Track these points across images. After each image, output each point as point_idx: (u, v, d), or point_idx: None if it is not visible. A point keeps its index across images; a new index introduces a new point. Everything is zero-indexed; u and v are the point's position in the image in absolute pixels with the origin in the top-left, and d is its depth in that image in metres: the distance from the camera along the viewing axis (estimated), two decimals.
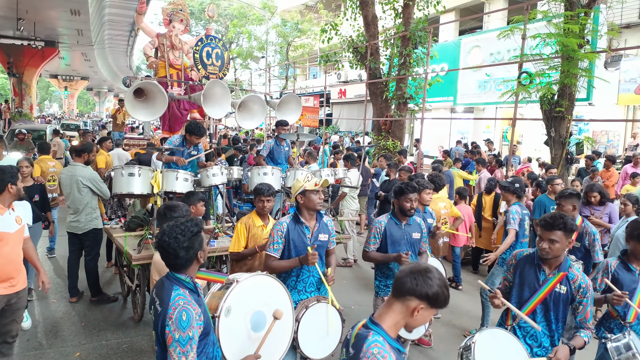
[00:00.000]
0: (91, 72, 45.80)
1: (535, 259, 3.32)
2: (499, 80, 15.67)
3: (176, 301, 2.41)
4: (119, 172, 5.55)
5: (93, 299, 6.36)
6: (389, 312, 2.05)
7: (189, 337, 2.36)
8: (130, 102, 6.90)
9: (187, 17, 10.41)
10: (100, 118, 51.69)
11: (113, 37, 28.46)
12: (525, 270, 3.34)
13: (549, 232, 3.13)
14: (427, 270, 2.03)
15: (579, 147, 12.26)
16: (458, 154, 14.56)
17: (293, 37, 32.21)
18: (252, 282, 3.20)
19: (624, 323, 3.60)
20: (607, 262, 3.76)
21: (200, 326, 2.42)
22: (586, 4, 8.61)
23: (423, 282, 1.99)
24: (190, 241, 2.49)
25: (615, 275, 3.68)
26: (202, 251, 2.59)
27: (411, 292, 1.99)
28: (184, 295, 2.45)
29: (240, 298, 3.04)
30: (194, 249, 2.51)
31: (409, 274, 2.02)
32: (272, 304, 3.15)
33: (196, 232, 2.52)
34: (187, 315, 2.37)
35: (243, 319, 3.03)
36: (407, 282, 2.00)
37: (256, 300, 3.13)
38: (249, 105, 7.87)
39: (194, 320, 2.39)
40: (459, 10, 22.34)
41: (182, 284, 2.51)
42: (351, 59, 15.29)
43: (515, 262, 3.43)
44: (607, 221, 6.64)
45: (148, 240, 5.22)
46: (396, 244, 4.35)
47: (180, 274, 2.53)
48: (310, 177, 3.89)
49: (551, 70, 8.87)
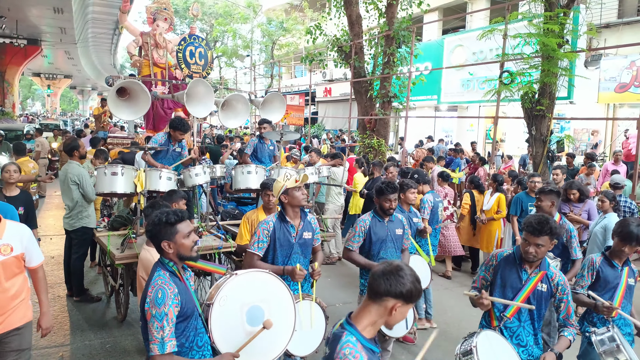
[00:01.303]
0: (74, 71, 45.33)
1: (516, 259, 3.36)
2: (482, 79, 15.84)
3: (156, 280, 2.66)
4: (102, 171, 5.53)
5: (76, 298, 6.35)
6: (365, 313, 2.10)
7: (164, 312, 2.55)
8: (113, 101, 6.85)
9: (171, 16, 10.36)
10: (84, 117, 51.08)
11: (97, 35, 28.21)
12: (506, 271, 3.37)
13: (536, 237, 3.17)
14: (398, 269, 2.07)
15: (560, 145, 12.45)
16: (442, 152, 14.70)
17: (278, 35, 32.18)
18: (253, 277, 3.22)
19: (607, 317, 3.64)
20: (592, 259, 3.82)
21: (176, 305, 2.60)
22: (565, 5, 8.76)
23: (396, 282, 2.03)
24: (154, 227, 2.74)
25: (600, 272, 3.75)
26: (172, 242, 2.72)
27: (386, 293, 2.04)
28: (163, 276, 2.68)
29: (237, 290, 3.07)
30: (159, 237, 2.73)
31: (381, 275, 2.06)
32: (272, 303, 3.17)
33: (164, 221, 2.71)
34: (162, 293, 2.58)
35: (239, 311, 3.03)
36: (382, 283, 2.05)
37: (255, 295, 3.13)
38: (232, 104, 7.86)
39: (168, 298, 2.58)
40: (442, 9, 22.50)
41: (165, 267, 2.75)
42: (336, 57, 15.36)
43: (495, 263, 3.45)
44: (586, 218, 6.77)
45: (131, 240, 5.20)
46: (380, 241, 4.41)
47: (164, 258, 2.78)
48: (289, 175, 3.90)
49: (532, 69, 9.02)
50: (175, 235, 2.73)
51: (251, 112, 20.06)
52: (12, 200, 5.29)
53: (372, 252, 4.40)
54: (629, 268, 3.79)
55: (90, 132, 17.35)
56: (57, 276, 7.19)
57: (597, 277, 3.76)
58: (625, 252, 3.72)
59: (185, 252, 2.75)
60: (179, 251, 2.74)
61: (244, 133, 23.56)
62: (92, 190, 6.19)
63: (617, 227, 3.75)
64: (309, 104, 21.33)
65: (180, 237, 2.73)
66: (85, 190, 6.20)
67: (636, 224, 3.65)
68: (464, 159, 13.95)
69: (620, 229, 3.69)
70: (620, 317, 3.67)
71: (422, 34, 22.91)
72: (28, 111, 62.16)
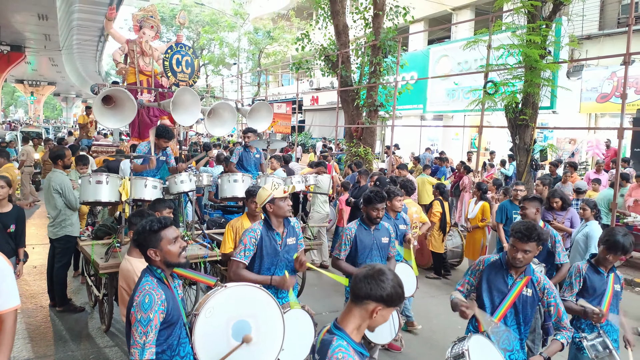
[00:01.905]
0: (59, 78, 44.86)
1: (502, 265, 3.39)
2: (467, 89, 16.00)
3: (143, 286, 2.67)
4: (87, 180, 5.49)
5: (59, 309, 6.26)
6: (350, 317, 2.11)
7: (149, 318, 2.57)
8: (99, 110, 6.83)
9: (157, 24, 10.36)
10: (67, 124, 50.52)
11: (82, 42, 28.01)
12: (492, 276, 3.40)
13: (524, 243, 3.20)
14: (380, 273, 2.09)
15: (543, 154, 12.62)
16: (428, 161, 14.82)
17: (265, 44, 32.24)
18: (243, 290, 3.18)
19: (595, 323, 3.67)
20: (578, 266, 3.86)
21: (162, 312, 2.63)
22: (547, 17, 8.91)
23: (377, 286, 2.05)
24: (139, 236, 2.76)
25: (587, 279, 3.79)
26: (158, 250, 2.74)
27: (367, 297, 2.06)
28: (151, 282, 2.70)
29: (226, 303, 3.04)
30: (145, 245, 2.75)
31: (363, 279, 2.08)
32: (261, 319, 3.14)
33: (148, 229, 2.73)
34: (150, 298, 2.60)
35: (225, 324, 3.00)
36: (363, 287, 2.07)
37: (244, 310, 3.11)
38: (219, 112, 7.87)
39: (155, 304, 2.59)
40: (427, 20, 22.75)
41: (153, 274, 2.76)
42: (323, 66, 15.45)
43: (482, 268, 3.47)
44: (569, 226, 6.85)
45: (116, 249, 5.15)
46: (366, 249, 4.43)
47: (152, 265, 2.79)
48: (277, 185, 3.89)
49: (515, 79, 9.14)
50: (161, 242, 2.74)
51: (238, 120, 20.04)
52: (4, 216, 5.06)
53: (359, 260, 4.41)
54: (614, 274, 3.84)
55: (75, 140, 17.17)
56: (39, 286, 7.09)
57: (584, 285, 3.80)
58: (610, 261, 3.77)
59: (171, 258, 2.76)
60: (165, 258, 2.75)
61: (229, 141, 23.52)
62: (74, 199, 6.13)
63: (603, 235, 3.80)
64: (296, 112, 21.38)
65: (165, 244, 2.74)
66: (67, 199, 6.13)
67: (622, 234, 3.70)
68: (449, 168, 14.08)
69: (607, 238, 3.73)
70: (607, 322, 3.71)
71: (408, 44, 23.13)
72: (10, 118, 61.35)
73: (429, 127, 21.40)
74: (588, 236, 5.95)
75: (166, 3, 37.08)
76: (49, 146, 12.85)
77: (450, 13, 21.37)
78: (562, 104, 14.77)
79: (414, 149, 19.53)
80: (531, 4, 8.64)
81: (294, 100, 22.68)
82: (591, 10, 15.22)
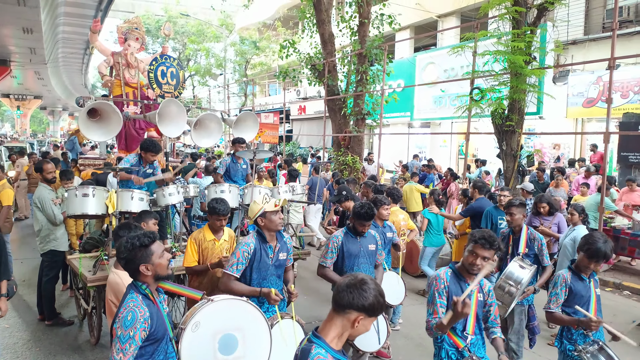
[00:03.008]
0: (45, 91, 44.54)
1: (458, 275, 3.34)
2: (454, 96, 16.12)
3: (128, 303, 2.65)
4: (73, 193, 5.45)
5: (48, 322, 6.19)
6: (331, 326, 2.11)
7: (129, 335, 2.55)
8: (84, 123, 6.79)
9: (142, 36, 10.34)
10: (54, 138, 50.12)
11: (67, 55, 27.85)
12: (454, 288, 3.31)
13: (486, 250, 3.20)
14: (362, 282, 2.09)
15: (530, 160, 12.72)
16: (416, 168, 14.86)
17: (251, 54, 32.28)
18: (230, 304, 3.16)
19: (587, 332, 3.65)
20: (563, 276, 3.80)
21: (144, 329, 2.59)
22: (532, 23, 9.02)
23: (359, 295, 2.06)
24: (130, 252, 2.72)
25: (572, 287, 3.75)
26: (150, 264, 2.73)
27: (349, 306, 2.06)
28: (135, 299, 2.67)
29: (212, 317, 3.03)
30: (136, 261, 2.71)
31: (345, 288, 2.08)
32: (248, 332, 3.12)
33: (138, 245, 2.71)
34: (132, 315, 2.58)
35: (211, 338, 2.99)
36: (345, 296, 2.07)
37: (230, 323, 3.09)
38: (205, 123, 7.86)
39: (137, 321, 2.57)
40: (413, 28, 22.91)
41: (138, 290, 2.73)
42: (309, 76, 15.50)
43: (447, 284, 3.32)
44: (556, 231, 6.89)
45: (104, 262, 5.12)
46: (353, 257, 4.42)
47: (138, 281, 2.76)
48: (268, 198, 3.88)
49: (501, 85, 9.22)
50: (152, 257, 2.74)
51: (225, 130, 20.02)
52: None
53: (345, 268, 4.40)
54: (593, 280, 3.84)
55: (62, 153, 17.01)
56: (28, 300, 7.00)
57: (569, 293, 3.76)
58: (591, 268, 3.75)
59: (162, 271, 2.77)
60: (156, 272, 2.75)
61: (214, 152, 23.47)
62: (52, 213, 6.05)
63: (583, 243, 3.74)
64: (284, 122, 21.39)
65: (156, 258, 2.75)
66: (46, 213, 6.05)
67: (602, 241, 3.65)
68: (437, 175, 14.14)
69: (587, 247, 3.68)
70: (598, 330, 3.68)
71: (394, 52, 23.28)
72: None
73: (417, 135, 21.50)
74: (576, 240, 5.98)
75: (151, 15, 37.04)
76: (32, 160, 12.70)
77: (435, 20, 21.55)
78: (549, 109, 14.91)
79: (402, 157, 19.60)
80: (515, 10, 8.74)
81: (281, 110, 22.71)
82: (576, 16, 15.40)
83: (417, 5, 20.93)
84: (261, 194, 3.92)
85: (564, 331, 3.84)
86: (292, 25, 32.19)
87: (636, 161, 12.71)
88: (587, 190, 10.03)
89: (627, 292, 8.15)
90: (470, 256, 3.27)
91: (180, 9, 36.68)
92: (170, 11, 36.54)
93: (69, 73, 35.74)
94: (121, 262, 2.76)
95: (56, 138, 49.83)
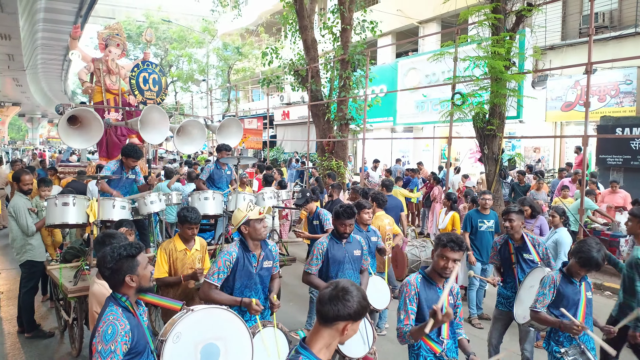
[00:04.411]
0: (23, 98, 43.86)
1: (429, 280, 3.32)
2: (436, 101, 16.24)
3: (107, 316, 2.59)
4: (53, 202, 5.35)
5: (28, 335, 6.07)
6: (318, 337, 2.11)
7: (110, 350, 2.49)
8: (64, 130, 6.69)
9: (123, 42, 10.25)
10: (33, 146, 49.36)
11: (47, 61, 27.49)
12: (427, 294, 3.29)
13: (455, 252, 3.22)
14: (344, 292, 2.09)
15: (511, 163, 12.87)
16: (399, 173, 14.93)
17: (234, 60, 32.19)
18: (210, 313, 3.12)
19: (573, 335, 3.65)
20: (552, 277, 3.82)
21: (125, 342, 2.54)
22: (511, 28, 9.14)
23: (343, 306, 2.06)
24: (116, 263, 2.66)
25: (560, 289, 3.76)
26: (135, 276, 2.69)
27: (336, 318, 2.07)
28: (115, 312, 2.62)
29: (193, 327, 2.98)
30: (122, 271, 2.66)
31: (328, 301, 2.08)
32: (230, 341, 3.09)
33: (125, 255, 2.67)
34: (113, 329, 2.53)
35: (193, 349, 2.95)
36: (330, 310, 2.07)
37: (211, 333, 3.05)
38: (188, 129, 7.81)
39: (118, 335, 2.52)
40: (395, 33, 23.07)
41: (117, 302, 2.68)
42: (293, 81, 15.51)
43: (417, 290, 3.29)
44: (538, 233, 6.97)
45: (85, 272, 5.03)
46: (338, 263, 4.41)
47: (117, 293, 2.71)
48: (252, 206, 3.83)
49: (482, 90, 9.32)
50: (138, 268, 2.71)
51: (208, 136, 19.92)
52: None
53: (330, 274, 4.38)
54: (585, 282, 3.84)
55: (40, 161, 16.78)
56: (7, 312, 6.88)
57: (557, 295, 3.77)
58: (582, 274, 3.78)
59: (145, 283, 2.74)
60: (140, 283, 2.72)
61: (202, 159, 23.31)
62: (25, 224, 5.91)
63: (576, 249, 3.72)
64: (267, 127, 21.36)
65: (141, 269, 2.72)
66: (19, 223, 5.92)
67: (596, 250, 3.63)
68: (420, 179, 14.21)
69: (580, 255, 3.66)
70: (585, 333, 3.68)
71: (377, 58, 23.40)
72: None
73: (400, 139, 21.63)
74: (557, 243, 6.07)
75: (132, 20, 36.73)
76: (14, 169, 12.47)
77: (416, 26, 21.72)
78: (529, 113, 15.11)
79: (386, 161, 19.68)
80: (494, 16, 8.85)
81: (265, 116, 22.67)
82: (553, 22, 15.66)
83: (398, 12, 21.11)
84: (245, 201, 3.87)
85: (551, 333, 3.86)
86: (275, 31, 32.18)
87: (614, 163, 12.95)
88: (567, 193, 10.16)
89: (608, 293, 8.27)
90: (441, 260, 3.27)
91: (162, 15, 36.46)
92: (151, 17, 36.28)
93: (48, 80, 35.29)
94: (105, 272, 2.69)
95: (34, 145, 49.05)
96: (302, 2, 14.10)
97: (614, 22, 14.78)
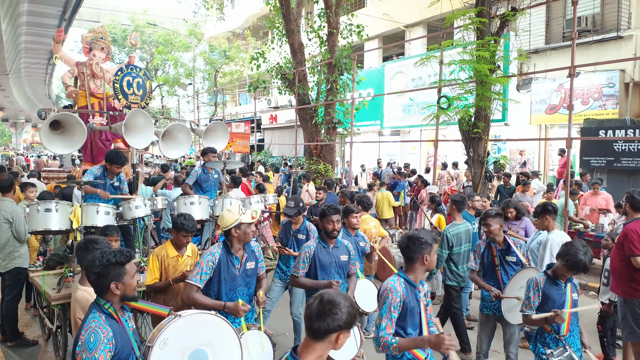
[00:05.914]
0: (6, 102, 43.31)
1: (410, 283, 3.26)
2: (422, 104, 16.34)
3: (89, 323, 2.57)
4: (35, 208, 5.27)
5: (10, 343, 5.96)
6: (309, 350, 2.09)
7: (95, 358, 2.47)
8: (47, 135, 6.60)
9: (108, 45, 10.13)
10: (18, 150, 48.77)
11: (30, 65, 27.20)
12: (409, 298, 3.22)
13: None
14: (331, 305, 2.07)
15: (497, 166, 12.96)
16: (387, 176, 14.98)
17: (221, 63, 32.08)
18: (198, 318, 3.10)
19: (559, 337, 3.70)
20: (536, 280, 3.82)
21: (109, 350, 2.52)
22: (495, 32, 9.22)
23: (333, 320, 2.05)
24: (104, 268, 2.63)
25: (545, 291, 3.77)
26: (121, 283, 2.66)
27: (328, 332, 2.06)
28: (98, 319, 2.60)
29: (180, 332, 2.96)
30: (107, 278, 2.63)
31: (316, 318, 2.06)
32: (218, 346, 3.06)
33: (114, 262, 2.65)
34: (95, 337, 2.51)
35: (181, 355, 2.92)
36: (320, 326, 2.05)
37: (199, 338, 3.03)
38: (173, 134, 7.74)
39: (100, 342, 2.50)
40: (381, 37, 23.17)
41: (101, 309, 2.66)
42: (280, 85, 15.50)
43: (403, 297, 3.18)
44: (523, 235, 7.00)
45: (68, 279, 4.96)
46: (325, 267, 4.40)
47: (101, 299, 2.68)
48: (244, 209, 3.82)
49: (467, 94, 9.38)
50: (124, 276, 2.69)
51: (195, 140, 19.81)
52: None
53: (318, 279, 4.38)
54: (571, 284, 3.85)
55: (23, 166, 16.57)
56: None
57: (543, 297, 3.77)
58: (568, 277, 3.79)
59: (130, 292, 2.72)
60: (125, 292, 2.69)
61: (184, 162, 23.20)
62: (24, 230, 5.85)
63: (563, 252, 3.71)
64: (255, 131, 21.31)
65: (128, 278, 2.70)
66: (17, 229, 5.85)
67: (583, 252, 3.62)
68: (407, 182, 14.26)
69: (567, 257, 3.66)
70: (571, 334, 3.73)
71: (364, 61, 23.49)
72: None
73: (387, 143, 21.71)
74: (542, 244, 6.08)
75: (117, 24, 36.50)
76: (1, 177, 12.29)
77: (403, 30, 21.84)
78: (513, 116, 15.25)
79: (373, 165, 19.73)
80: (479, 20, 8.92)
81: (252, 119, 22.60)
82: (537, 26, 15.83)
83: (384, 16, 21.21)
84: (233, 205, 3.84)
85: (538, 334, 3.87)
86: (261, 35, 32.16)
87: (598, 165, 13.09)
88: (551, 195, 10.24)
89: (593, 293, 8.34)
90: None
91: (148, 19, 36.26)
92: (137, 20, 36.08)
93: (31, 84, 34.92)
94: (91, 277, 2.67)
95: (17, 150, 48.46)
96: (288, 6, 14.12)
97: (596, 26, 14.98)
